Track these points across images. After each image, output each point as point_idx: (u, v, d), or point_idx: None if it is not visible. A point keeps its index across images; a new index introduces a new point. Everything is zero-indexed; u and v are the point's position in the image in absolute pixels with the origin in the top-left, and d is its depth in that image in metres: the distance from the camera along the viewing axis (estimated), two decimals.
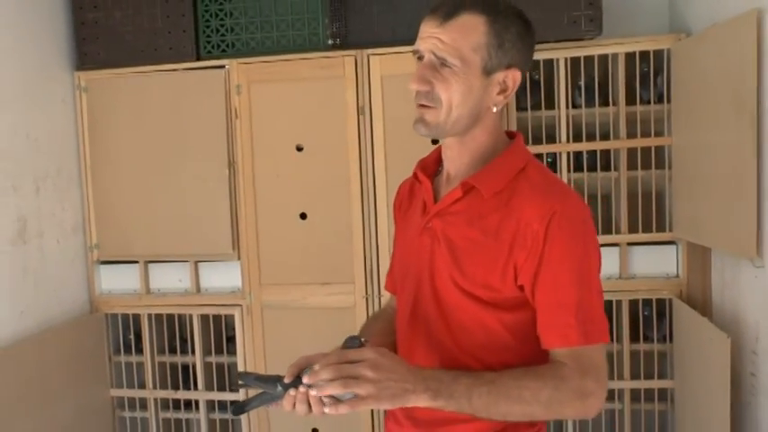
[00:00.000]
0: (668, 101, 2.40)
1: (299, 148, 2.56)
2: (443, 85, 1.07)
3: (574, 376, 1.03)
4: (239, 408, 1.07)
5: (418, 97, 1.10)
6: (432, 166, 1.25)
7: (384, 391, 0.96)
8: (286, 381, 1.02)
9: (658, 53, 2.40)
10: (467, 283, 1.11)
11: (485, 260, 1.09)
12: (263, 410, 2.62)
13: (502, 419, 1.05)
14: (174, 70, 2.61)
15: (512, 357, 1.10)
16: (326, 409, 0.97)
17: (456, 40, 1.06)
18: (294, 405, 1.01)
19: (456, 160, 1.17)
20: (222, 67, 2.58)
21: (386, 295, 1.86)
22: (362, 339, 1.06)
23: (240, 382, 1.08)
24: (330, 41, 2.52)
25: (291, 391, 1.01)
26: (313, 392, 0.97)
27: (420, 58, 1.10)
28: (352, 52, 2.49)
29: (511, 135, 1.21)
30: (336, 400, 0.97)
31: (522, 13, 1.12)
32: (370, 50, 2.47)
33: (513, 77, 1.11)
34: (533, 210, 1.07)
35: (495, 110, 1.12)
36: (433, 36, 1.07)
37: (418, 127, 1.12)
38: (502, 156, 1.15)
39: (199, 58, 2.60)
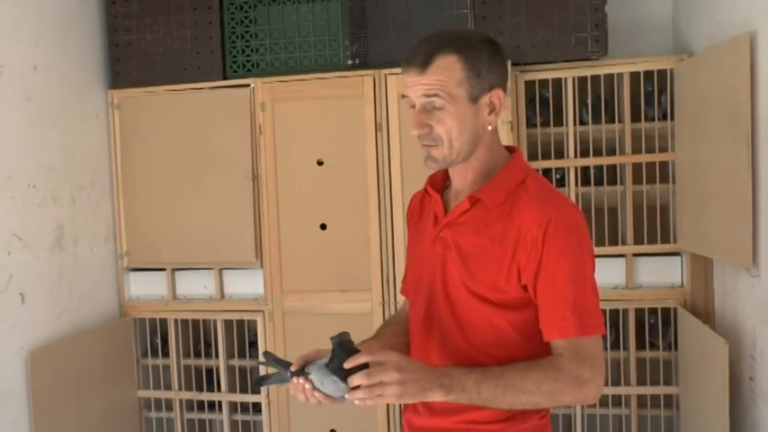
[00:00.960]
0: (672, 118, 2.50)
1: (320, 163, 2.69)
2: (440, 125, 1.20)
3: (571, 366, 1.13)
4: (258, 382, 1.25)
5: (421, 139, 1.23)
6: (440, 182, 1.38)
7: (407, 390, 1.09)
8: (292, 369, 1.16)
9: (662, 72, 2.51)
10: (476, 285, 1.22)
11: (491, 264, 1.21)
12: (285, 411, 2.73)
13: (509, 408, 1.17)
14: (202, 89, 2.76)
15: (519, 353, 1.21)
16: (357, 402, 1.10)
17: (440, 81, 1.18)
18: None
19: (462, 177, 1.29)
20: (247, 85, 2.72)
21: (401, 300, 1.97)
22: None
23: (261, 359, 1.23)
24: (349, 62, 2.65)
25: (294, 379, 1.15)
26: (308, 386, 1.13)
27: (413, 106, 1.23)
28: (371, 72, 2.62)
29: (510, 150, 1.32)
30: (331, 398, 1.13)
31: (486, 37, 1.24)
32: (387, 70, 2.60)
33: (498, 96, 1.23)
34: (532, 217, 1.18)
35: (489, 128, 1.24)
36: (418, 84, 1.19)
37: (429, 163, 1.25)
38: (503, 170, 1.26)
39: (225, 78, 2.74)
